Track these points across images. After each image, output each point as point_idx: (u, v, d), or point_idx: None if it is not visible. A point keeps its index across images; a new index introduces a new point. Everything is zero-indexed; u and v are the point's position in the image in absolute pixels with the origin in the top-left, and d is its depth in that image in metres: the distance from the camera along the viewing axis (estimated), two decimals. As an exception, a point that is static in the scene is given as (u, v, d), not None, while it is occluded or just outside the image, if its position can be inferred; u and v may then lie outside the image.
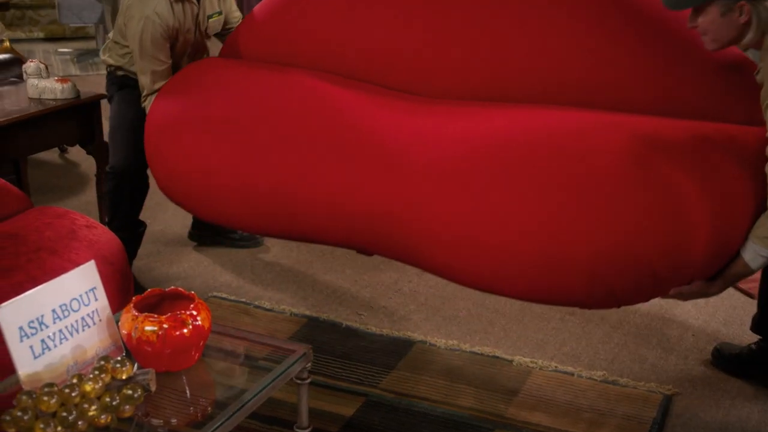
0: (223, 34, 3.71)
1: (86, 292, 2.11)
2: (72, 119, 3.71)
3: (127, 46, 3.45)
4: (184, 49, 3.50)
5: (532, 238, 2.47)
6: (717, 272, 2.46)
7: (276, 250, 3.96)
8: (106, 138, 3.65)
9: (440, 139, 2.69)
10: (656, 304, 3.44)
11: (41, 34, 8.41)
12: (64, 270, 2.54)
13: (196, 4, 3.47)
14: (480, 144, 2.62)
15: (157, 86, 3.36)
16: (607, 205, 2.41)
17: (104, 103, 3.73)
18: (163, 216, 4.30)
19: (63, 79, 3.68)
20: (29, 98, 3.67)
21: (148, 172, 3.42)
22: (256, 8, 3.33)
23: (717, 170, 2.40)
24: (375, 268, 3.76)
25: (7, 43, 5.22)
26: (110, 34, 3.63)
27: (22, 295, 1.98)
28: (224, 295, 3.52)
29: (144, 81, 3.38)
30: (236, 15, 3.75)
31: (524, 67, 2.77)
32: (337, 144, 2.82)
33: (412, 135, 2.74)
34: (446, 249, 2.63)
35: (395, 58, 2.97)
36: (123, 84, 3.56)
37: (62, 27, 8.31)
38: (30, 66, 3.79)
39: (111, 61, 3.57)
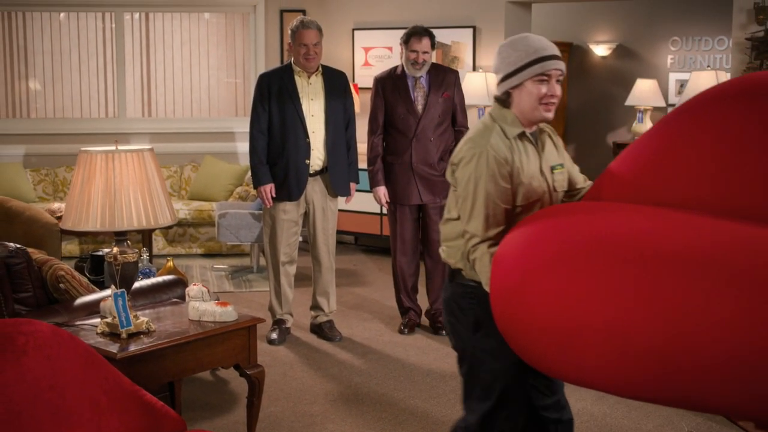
0: (569, 196, 3.28)
1: None
2: (229, 342, 3.81)
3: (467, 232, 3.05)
4: (530, 201, 3.06)
5: None
6: None
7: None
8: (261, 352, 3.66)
9: None
10: None
11: (199, 251, 8.85)
12: (216, 502, 2.56)
13: (534, 144, 3.12)
14: None
15: (491, 233, 2.94)
16: None
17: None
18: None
19: (223, 303, 3.82)
20: (189, 320, 3.81)
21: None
22: (619, 158, 3.03)
23: None
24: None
25: (171, 263, 5.50)
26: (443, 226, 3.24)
27: None
28: None
29: (474, 227, 2.97)
30: (580, 175, 3.33)
31: None
32: (734, 266, 2.32)
33: None
34: None
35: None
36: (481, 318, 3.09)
37: (219, 244, 8.73)
38: (193, 289, 3.98)
39: (452, 260, 3.18)
